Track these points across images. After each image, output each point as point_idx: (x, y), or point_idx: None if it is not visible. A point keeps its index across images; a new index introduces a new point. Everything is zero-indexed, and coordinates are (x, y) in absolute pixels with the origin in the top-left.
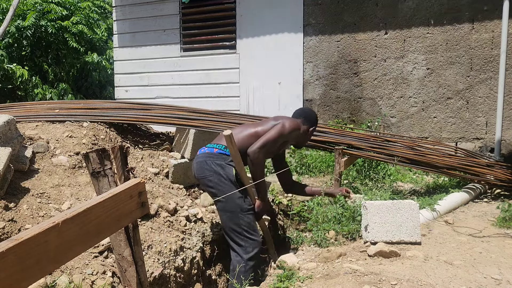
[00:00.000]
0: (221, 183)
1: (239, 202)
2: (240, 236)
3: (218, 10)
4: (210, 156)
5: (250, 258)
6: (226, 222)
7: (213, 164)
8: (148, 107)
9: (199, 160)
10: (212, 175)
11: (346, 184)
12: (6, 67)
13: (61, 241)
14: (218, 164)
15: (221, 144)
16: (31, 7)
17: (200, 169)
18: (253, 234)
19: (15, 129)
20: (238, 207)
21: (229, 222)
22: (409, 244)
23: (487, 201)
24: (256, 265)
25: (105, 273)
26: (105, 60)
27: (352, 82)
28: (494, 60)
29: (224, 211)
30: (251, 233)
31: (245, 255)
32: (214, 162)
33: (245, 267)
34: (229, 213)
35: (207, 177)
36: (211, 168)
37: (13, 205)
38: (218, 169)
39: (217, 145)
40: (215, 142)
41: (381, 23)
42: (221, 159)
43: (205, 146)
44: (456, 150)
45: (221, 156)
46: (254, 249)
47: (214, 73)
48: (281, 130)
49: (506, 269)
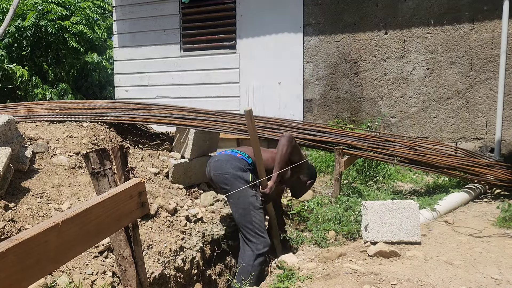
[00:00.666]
0: (236, 181)
1: (252, 200)
2: (252, 233)
3: (218, 10)
4: (232, 158)
5: (260, 254)
6: (239, 219)
7: (233, 165)
8: (148, 107)
9: (219, 159)
10: (230, 173)
11: (346, 184)
12: (6, 67)
13: (61, 241)
14: (237, 166)
15: (245, 152)
16: (31, 7)
17: (219, 166)
18: (263, 232)
19: (15, 129)
20: (250, 205)
21: (242, 219)
22: (409, 244)
23: (487, 201)
24: (263, 262)
25: (105, 273)
26: (105, 60)
27: (352, 82)
28: (494, 60)
29: (237, 207)
30: (262, 231)
31: (256, 251)
32: (234, 163)
33: (254, 261)
34: (242, 209)
35: (223, 174)
36: (230, 167)
37: (13, 205)
38: (236, 170)
39: (241, 152)
40: (239, 149)
41: (381, 23)
42: (242, 163)
43: (226, 150)
44: (456, 150)
45: (242, 161)
46: (264, 247)
47: (214, 73)
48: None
49: (506, 269)
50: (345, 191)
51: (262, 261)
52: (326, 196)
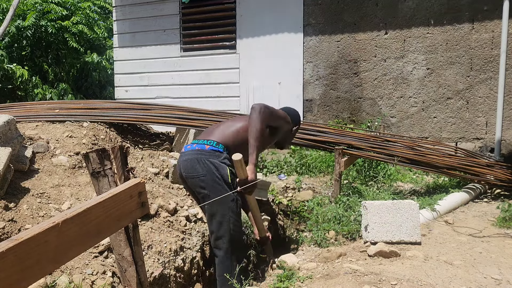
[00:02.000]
0: (215, 184)
1: (231, 205)
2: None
3: (218, 10)
4: (202, 153)
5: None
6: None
7: (207, 162)
8: (148, 107)
9: (188, 158)
10: (205, 174)
11: (346, 184)
12: (6, 67)
13: (61, 241)
14: (211, 163)
15: (212, 140)
16: (31, 7)
17: (190, 167)
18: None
19: (15, 129)
20: (229, 211)
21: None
22: (409, 244)
23: (487, 201)
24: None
25: (105, 273)
26: (105, 60)
27: (352, 82)
28: (494, 60)
29: (214, 215)
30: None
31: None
32: (207, 159)
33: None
34: (220, 217)
35: (199, 176)
36: (204, 166)
37: (13, 205)
38: (212, 168)
39: (208, 141)
40: (204, 137)
41: (381, 23)
42: (215, 156)
43: (191, 142)
44: (456, 150)
45: (214, 153)
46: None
47: (214, 73)
48: (279, 111)
49: (506, 269)
50: (345, 191)
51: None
52: (326, 196)
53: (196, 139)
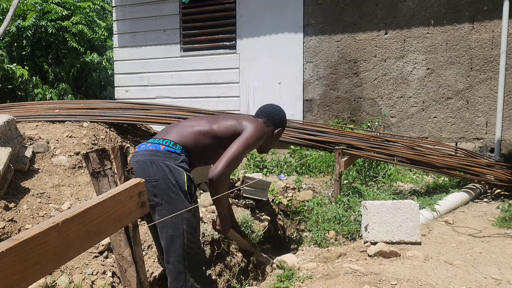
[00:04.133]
0: (169, 191)
1: (187, 216)
2: (182, 261)
3: (218, 10)
4: (156, 154)
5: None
6: (165, 243)
7: (161, 165)
8: (148, 107)
9: (139, 159)
10: (157, 179)
11: (346, 184)
12: (6, 67)
13: (61, 241)
14: (166, 165)
15: (168, 139)
16: (31, 7)
17: (141, 170)
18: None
19: (15, 129)
20: (184, 223)
21: (169, 243)
22: (409, 244)
23: (487, 201)
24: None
25: (105, 273)
26: (105, 60)
27: (352, 82)
28: (494, 60)
29: (165, 227)
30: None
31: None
32: (162, 162)
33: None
34: (172, 230)
35: (151, 182)
36: (157, 170)
37: (13, 205)
38: (166, 171)
39: (164, 141)
40: (161, 136)
41: (381, 23)
42: (170, 158)
43: (146, 142)
44: (456, 150)
45: (169, 154)
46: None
47: (214, 73)
48: (247, 143)
49: (506, 269)
50: (345, 191)
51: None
52: (326, 196)
53: (152, 137)
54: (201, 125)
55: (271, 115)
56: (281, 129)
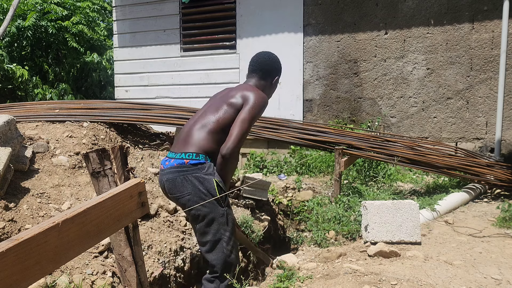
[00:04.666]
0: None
1: (222, 220)
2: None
3: (218, 10)
4: (183, 169)
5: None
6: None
7: (190, 179)
8: (148, 107)
9: (169, 177)
10: (190, 193)
11: (346, 184)
12: (6, 67)
13: (61, 241)
14: (196, 178)
15: (190, 152)
16: (31, 7)
17: (173, 187)
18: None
19: (15, 129)
20: (221, 227)
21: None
22: (409, 244)
23: (487, 201)
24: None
25: (105, 273)
26: (105, 60)
27: (352, 82)
28: (494, 60)
29: (205, 235)
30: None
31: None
32: (190, 175)
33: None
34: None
35: (184, 196)
36: (188, 184)
37: (13, 205)
38: (196, 184)
39: (187, 155)
40: (181, 150)
41: (381, 23)
42: (197, 170)
43: (167, 157)
44: (456, 150)
45: (195, 166)
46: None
47: (214, 73)
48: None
49: (506, 269)
50: (345, 191)
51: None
52: (326, 196)
53: (171, 151)
54: (209, 124)
55: (266, 67)
56: (278, 77)
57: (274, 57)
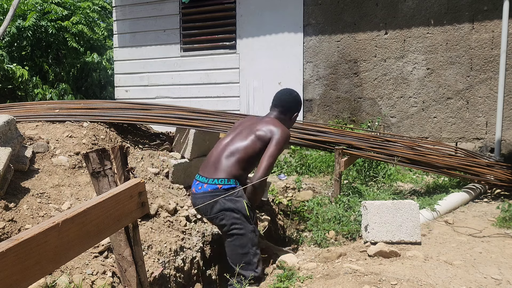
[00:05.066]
0: (235, 220)
1: (251, 236)
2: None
3: (218, 10)
4: (216, 193)
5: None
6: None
7: (224, 201)
8: (148, 107)
9: (204, 201)
10: (223, 213)
11: (346, 184)
12: (6, 67)
13: (61, 241)
14: (229, 200)
15: (221, 177)
16: (31, 7)
17: (209, 209)
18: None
19: (15, 129)
20: (249, 242)
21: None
22: (409, 244)
23: (487, 201)
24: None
25: (105, 273)
26: (105, 60)
27: (352, 82)
28: (494, 60)
29: (235, 247)
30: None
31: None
32: (223, 199)
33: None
34: (240, 248)
35: (218, 217)
36: (222, 207)
37: (13, 205)
38: (229, 205)
39: (219, 180)
40: (212, 176)
41: (381, 23)
42: (230, 195)
43: (198, 181)
44: (456, 150)
45: (228, 191)
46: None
47: (214, 73)
48: (277, 148)
49: (506, 269)
50: (345, 191)
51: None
52: (326, 196)
53: (203, 175)
54: (238, 152)
55: (287, 105)
56: (297, 113)
57: (296, 95)
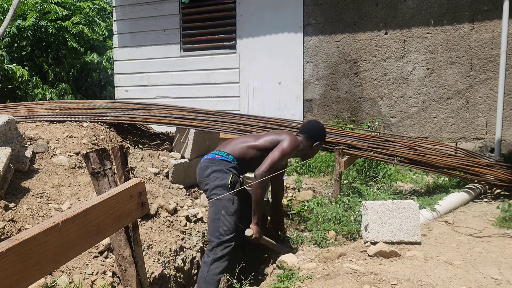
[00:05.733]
0: (215, 187)
1: (226, 203)
2: (215, 239)
3: (218, 10)
4: (212, 161)
5: (216, 259)
6: (208, 228)
7: (214, 168)
8: (148, 107)
9: (201, 166)
10: (209, 178)
11: (346, 184)
12: (6, 67)
13: (61, 241)
14: (218, 170)
15: (223, 151)
16: (31, 7)
17: (200, 174)
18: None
19: (15, 129)
20: (223, 209)
21: (210, 227)
22: (409, 244)
23: (487, 201)
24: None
25: (105, 273)
26: (105, 60)
27: (352, 82)
28: (494, 60)
29: (210, 212)
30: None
31: (212, 255)
32: (214, 167)
33: (208, 270)
34: (212, 214)
35: (204, 181)
36: (210, 172)
37: (13, 205)
38: (217, 174)
39: (219, 152)
40: (218, 149)
41: (381, 23)
42: (222, 164)
43: (211, 153)
44: (456, 150)
45: (222, 162)
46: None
47: (214, 73)
48: (284, 151)
49: (506, 269)
50: (345, 191)
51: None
52: (326, 196)
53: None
54: (250, 141)
55: (310, 132)
56: (320, 143)
57: (321, 126)
